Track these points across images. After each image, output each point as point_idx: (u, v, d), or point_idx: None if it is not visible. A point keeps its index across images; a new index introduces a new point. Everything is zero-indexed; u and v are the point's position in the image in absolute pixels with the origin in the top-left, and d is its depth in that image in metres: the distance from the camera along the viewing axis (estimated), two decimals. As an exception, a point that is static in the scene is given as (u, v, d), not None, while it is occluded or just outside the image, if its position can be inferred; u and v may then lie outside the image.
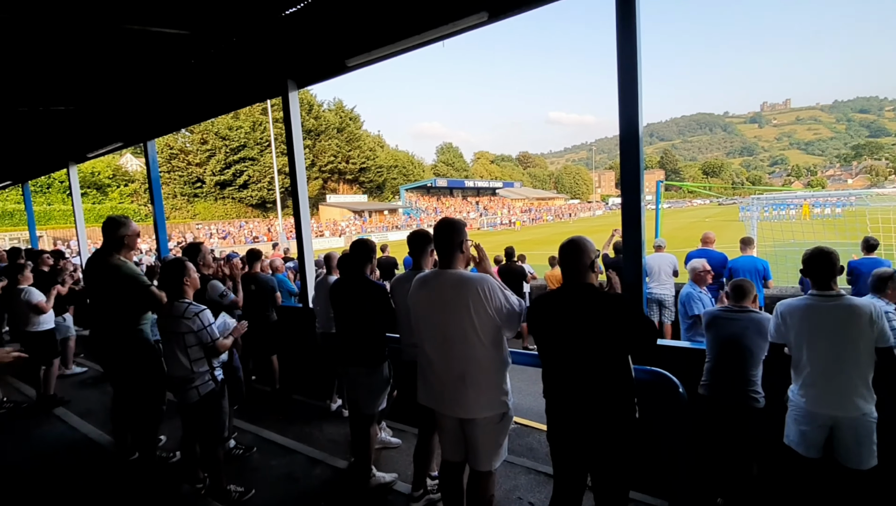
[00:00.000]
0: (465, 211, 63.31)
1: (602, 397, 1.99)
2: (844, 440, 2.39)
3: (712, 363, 2.98)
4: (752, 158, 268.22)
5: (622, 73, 3.01)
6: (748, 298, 2.96)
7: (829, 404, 2.38)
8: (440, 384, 2.28)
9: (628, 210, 3.15)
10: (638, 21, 2.96)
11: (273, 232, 39.04)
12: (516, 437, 4.20)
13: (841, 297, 2.42)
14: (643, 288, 3.23)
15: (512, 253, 7.75)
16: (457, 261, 2.27)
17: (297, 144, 4.94)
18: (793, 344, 2.51)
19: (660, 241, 6.99)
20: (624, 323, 1.95)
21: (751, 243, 5.96)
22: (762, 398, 2.83)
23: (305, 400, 5.05)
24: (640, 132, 3.10)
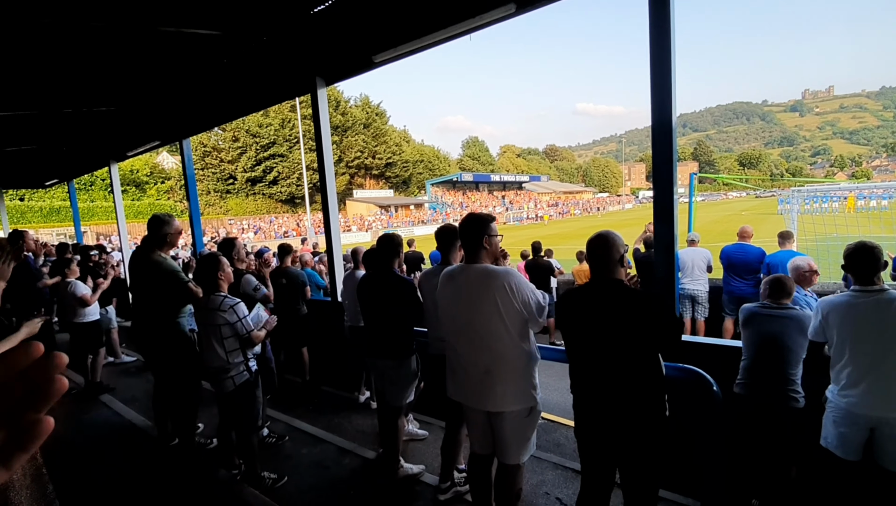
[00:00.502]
0: (491, 205, 63.02)
1: (630, 394, 1.97)
2: (887, 443, 2.29)
3: (749, 361, 2.89)
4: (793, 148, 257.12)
5: (655, 63, 2.93)
6: (788, 295, 2.85)
7: (871, 404, 2.29)
8: (468, 378, 2.29)
9: (660, 204, 3.07)
10: (672, 7, 2.87)
11: (302, 227, 39.82)
12: (543, 432, 4.18)
13: (884, 291, 2.32)
14: (675, 284, 3.15)
15: (539, 248, 7.69)
16: (482, 255, 2.27)
17: (326, 141, 5.01)
18: (834, 342, 2.42)
19: (693, 235, 6.80)
20: (651, 320, 1.91)
21: (790, 238, 5.73)
22: (802, 398, 2.73)
23: (334, 391, 5.16)
24: (674, 123, 3.01)
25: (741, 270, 5.85)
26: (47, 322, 5.20)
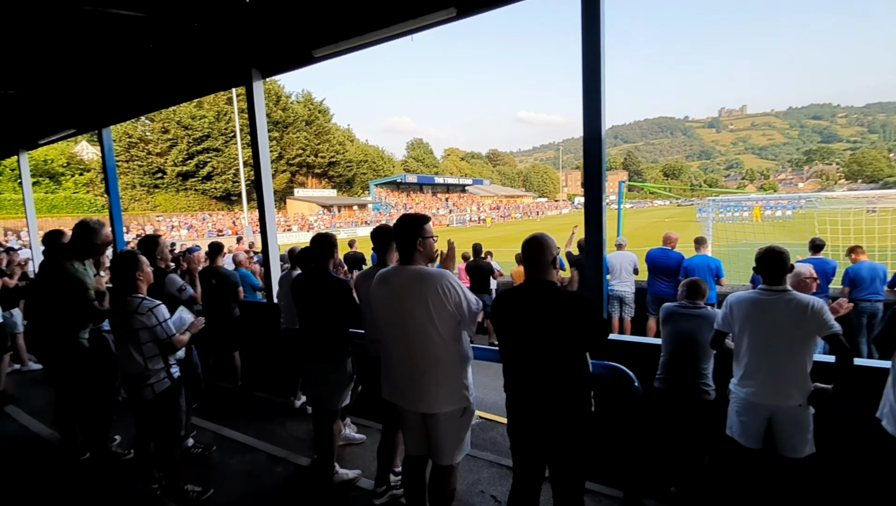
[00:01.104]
0: (435, 207, 63.29)
1: (560, 392, 2.03)
2: (782, 430, 2.51)
3: (667, 357, 3.08)
4: (710, 161, 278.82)
5: (586, 76, 3.06)
6: (702, 296, 3.08)
7: (767, 394, 2.50)
8: (402, 380, 2.27)
9: (591, 209, 3.21)
10: (602, 25, 3.01)
11: (238, 225, 37.99)
12: (480, 431, 4.23)
13: (787, 291, 2.54)
14: (604, 285, 3.30)
15: (479, 250, 7.80)
16: (417, 257, 2.26)
17: (262, 136, 4.80)
18: (736, 335, 2.63)
19: (621, 239, 7.18)
20: (581, 320, 1.98)
21: (704, 243, 6.20)
22: (713, 391, 2.94)
23: (268, 397, 4.94)
24: (604, 134, 3.16)
25: (663, 273, 6.25)
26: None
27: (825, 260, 5.67)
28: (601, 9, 2.96)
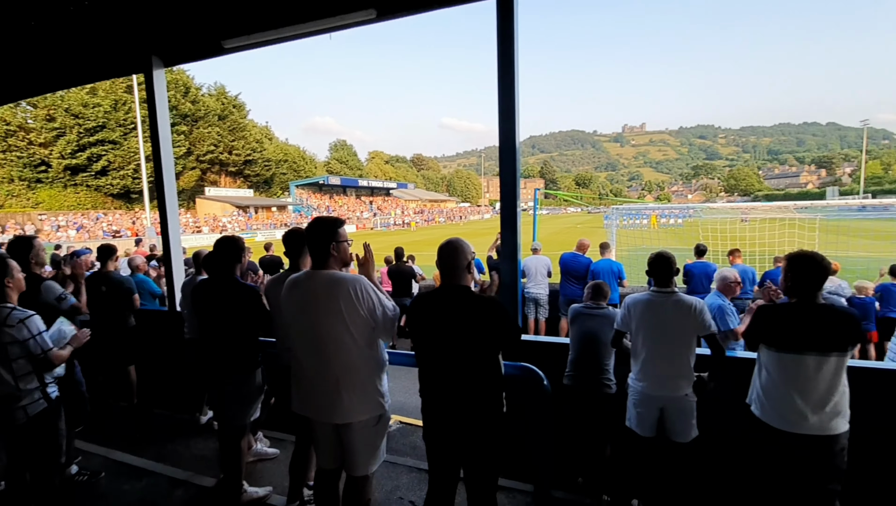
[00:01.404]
0: (359, 210, 62.20)
1: (473, 394, 2.06)
2: (672, 418, 2.75)
3: (575, 355, 3.26)
4: (615, 172, 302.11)
5: (502, 87, 3.16)
6: (604, 297, 3.29)
7: (660, 386, 2.73)
8: (313, 390, 2.18)
9: (506, 215, 3.31)
10: (516, 38, 3.13)
11: (139, 226, 34.60)
12: (400, 436, 4.19)
13: (674, 293, 2.80)
14: (518, 287, 3.42)
15: (401, 253, 7.76)
16: (330, 261, 2.18)
17: (164, 129, 4.42)
18: (633, 333, 2.85)
19: (536, 244, 7.52)
20: (493, 324, 2.03)
21: (608, 248, 6.68)
22: (614, 385, 3.16)
23: (170, 414, 4.52)
24: (518, 144, 3.28)
25: (574, 276, 6.63)
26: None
27: (708, 263, 6.35)
28: (515, 23, 3.08)
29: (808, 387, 2.26)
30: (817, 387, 2.25)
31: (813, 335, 2.25)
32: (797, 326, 2.29)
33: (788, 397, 2.30)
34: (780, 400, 2.33)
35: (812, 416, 2.26)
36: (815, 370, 2.24)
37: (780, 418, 2.33)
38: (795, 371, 2.28)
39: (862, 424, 2.46)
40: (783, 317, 2.35)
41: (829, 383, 2.25)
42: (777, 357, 2.34)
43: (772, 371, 2.37)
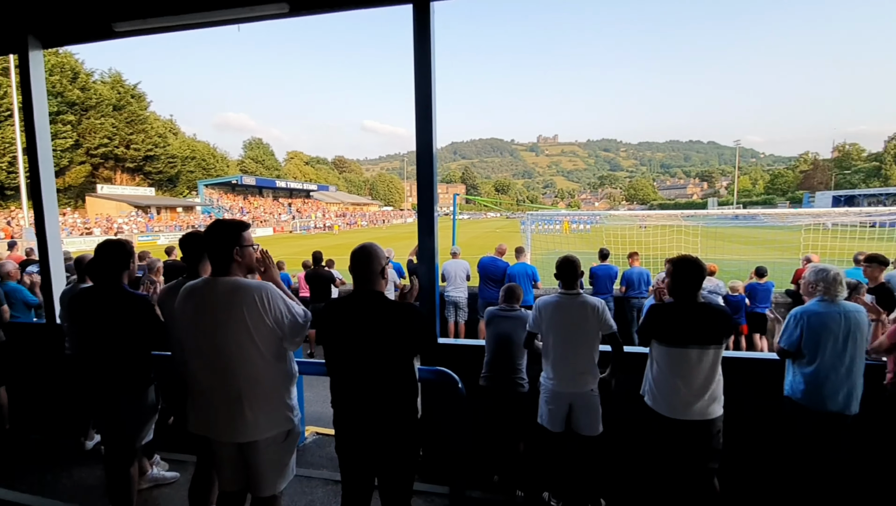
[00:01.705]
0: (277, 213, 59.24)
1: (387, 402, 2.00)
2: (579, 413, 2.90)
3: (490, 356, 3.32)
4: (531, 180, 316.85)
5: (419, 93, 3.15)
6: (517, 300, 3.39)
7: (568, 383, 2.86)
8: (212, 408, 1.99)
9: (423, 220, 3.31)
10: (433, 45, 3.13)
11: (15, 227, 30.11)
12: (317, 448, 4.02)
13: (580, 295, 2.95)
14: (436, 291, 3.42)
15: (319, 257, 7.47)
16: (233, 267, 2.01)
17: (41, 117, 3.88)
18: (544, 334, 2.96)
19: (456, 248, 7.62)
20: (407, 329, 1.99)
21: (523, 252, 6.95)
22: (526, 384, 3.26)
23: (50, 440, 3.94)
24: (435, 151, 3.29)
25: (492, 279, 6.80)
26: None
27: (610, 266, 6.83)
28: (431, 28, 3.08)
29: (691, 377, 2.50)
30: (699, 376, 2.50)
31: (694, 331, 2.50)
32: (680, 323, 2.53)
33: (675, 386, 2.52)
34: (668, 390, 2.55)
35: (695, 403, 2.50)
36: (697, 361, 2.49)
37: (669, 406, 2.55)
38: (680, 363, 2.51)
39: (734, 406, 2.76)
40: (669, 315, 2.58)
41: (708, 372, 2.51)
42: (665, 351, 2.56)
43: (661, 364, 2.59)
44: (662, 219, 19.52)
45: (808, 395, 2.73)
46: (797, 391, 2.78)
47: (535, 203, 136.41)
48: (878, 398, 2.81)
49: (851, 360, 2.66)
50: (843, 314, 2.68)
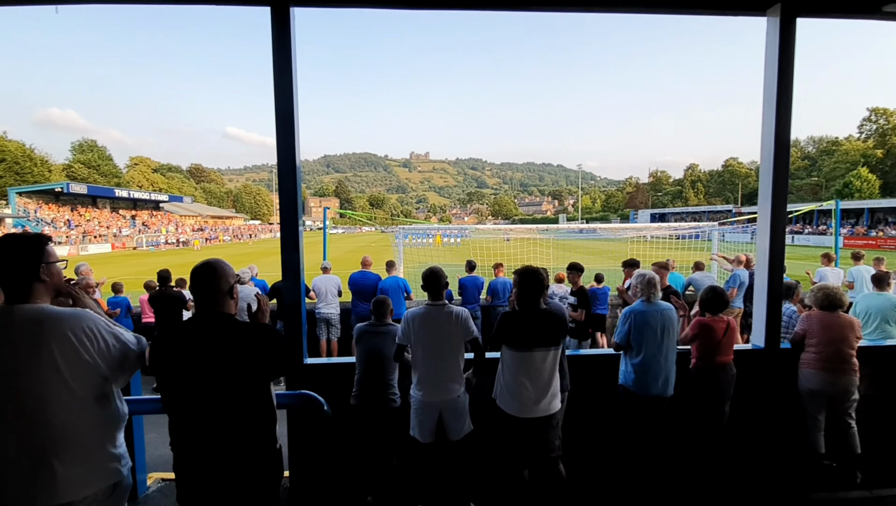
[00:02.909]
0: (117, 226, 50.83)
1: (239, 437, 1.78)
2: (449, 419, 2.94)
3: (361, 374, 3.20)
4: (405, 195, 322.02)
5: (279, 101, 2.97)
6: (385, 315, 3.33)
7: (437, 392, 2.90)
8: (7, 471, 1.56)
9: (287, 234, 3.10)
10: (293, 53, 2.97)
11: None
12: (163, 497, 3.47)
13: (445, 305, 3.01)
14: (302, 309, 3.20)
15: (167, 276, 6.54)
16: (38, 291, 1.62)
17: None
18: (413, 346, 2.96)
19: (326, 263, 7.30)
20: (262, 353, 1.80)
21: (394, 266, 6.95)
22: (398, 398, 3.21)
23: None
24: (298, 162, 3.11)
25: (364, 294, 6.65)
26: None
27: (477, 277, 7.17)
28: (292, 32, 2.93)
29: (537, 377, 2.72)
30: (543, 376, 2.73)
31: (537, 335, 2.74)
32: (526, 328, 2.74)
33: (523, 387, 2.71)
34: (517, 391, 2.73)
35: (540, 400, 2.72)
36: (541, 362, 2.72)
37: (519, 405, 2.73)
38: (527, 365, 2.72)
39: (580, 398, 3.05)
40: (516, 321, 2.78)
41: (550, 371, 2.76)
42: (514, 354, 2.75)
43: (511, 367, 2.77)
44: (523, 232, 21.33)
45: (637, 382, 3.15)
46: (629, 380, 3.19)
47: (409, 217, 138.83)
48: (685, 380, 3.35)
49: (667, 350, 3.14)
50: (660, 312, 3.16)
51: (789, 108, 3.23)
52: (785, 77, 3.19)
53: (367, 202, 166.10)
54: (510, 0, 3.10)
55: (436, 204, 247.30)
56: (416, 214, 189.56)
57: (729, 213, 52.07)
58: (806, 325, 3.46)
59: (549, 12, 3.30)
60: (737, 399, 3.35)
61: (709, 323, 3.28)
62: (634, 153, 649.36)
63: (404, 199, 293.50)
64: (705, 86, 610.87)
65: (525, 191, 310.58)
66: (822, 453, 3.37)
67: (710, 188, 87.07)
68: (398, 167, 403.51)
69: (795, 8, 3.13)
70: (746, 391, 3.39)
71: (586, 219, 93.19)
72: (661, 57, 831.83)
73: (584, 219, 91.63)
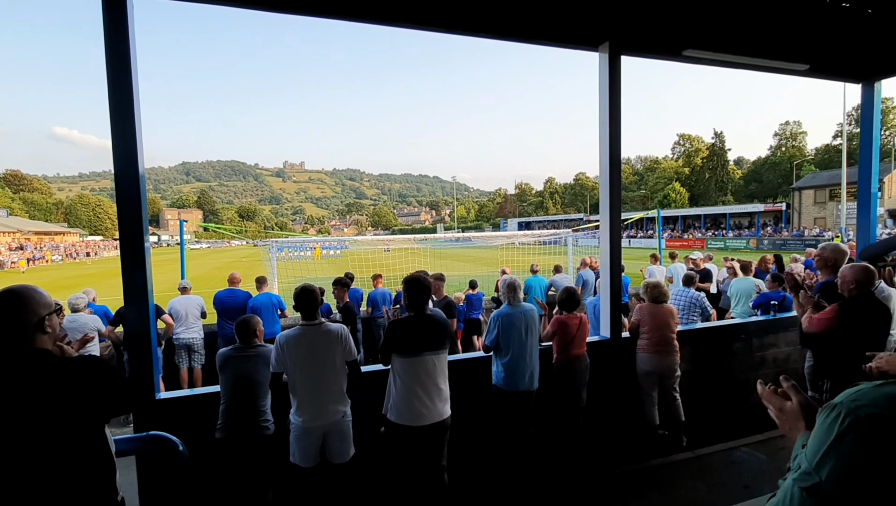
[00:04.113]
0: None
1: (68, 492, 1.46)
2: (333, 442, 2.79)
3: (227, 403, 2.89)
4: (280, 206, 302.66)
5: (115, 99, 2.59)
6: (256, 335, 3.05)
7: (319, 415, 2.73)
8: None
9: (129, 251, 2.72)
10: (132, 45, 2.61)
11: None
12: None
13: (321, 324, 2.85)
14: (152, 337, 2.79)
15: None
16: None
17: None
18: (289, 369, 2.74)
19: (185, 282, 6.49)
20: (88, 393, 1.50)
21: (265, 282, 6.45)
22: (272, 425, 2.95)
23: None
24: (142, 169, 2.74)
25: (232, 314, 6.03)
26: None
27: (357, 289, 7.02)
28: (130, 24, 2.56)
29: (429, 383, 2.73)
30: (435, 381, 2.75)
31: (426, 339, 2.75)
32: (415, 334, 2.74)
33: (416, 394, 2.70)
34: (410, 400, 2.71)
35: (433, 406, 2.73)
36: (432, 366, 2.75)
37: (411, 415, 2.70)
38: (419, 370, 2.72)
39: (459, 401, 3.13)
40: (405, 328, 2.76)
41: (441, 373, 2.79)
42: (405, 362, 2.72)
43: (402, 376, 2.73)
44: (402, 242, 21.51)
45: (507, 380, 3.34)
46: (500, 379, 3.38)
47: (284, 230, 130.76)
48: (548, 373, 3.66)
49: (531, 348, 3.40)
50: (524, 313, 3.41)
51: (619, 130, 3.76)
52: (614, 104, 3.71)
53: (236, 214, 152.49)
54: (360, 11, 3.06)
55: (313, 215, 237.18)
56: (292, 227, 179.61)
57: (580, 220, 59.03)
58: (639, 315, 4.04)
59: (416, 30, 3.38)
60: (591, 385, 3.76)
61: (565, 320, 3.64)
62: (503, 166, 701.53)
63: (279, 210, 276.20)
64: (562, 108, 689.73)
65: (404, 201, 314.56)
66: (657, 425, 3.95)
67: (566, 199, 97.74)
68: (271, 177, 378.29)
69: (619, 47, 3.66)
70: (597, 377, 3.83)
71: (462, 228, 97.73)
72: (527, 80, 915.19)
73: (460, 228, 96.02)
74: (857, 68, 4.57)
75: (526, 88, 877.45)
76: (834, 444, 0.62)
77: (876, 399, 0.62)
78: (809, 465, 0.66)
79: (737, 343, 4.56)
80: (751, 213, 48.96)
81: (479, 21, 3.28)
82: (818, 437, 0.66)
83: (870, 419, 0.60)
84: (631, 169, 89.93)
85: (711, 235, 47.40)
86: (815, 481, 0.64)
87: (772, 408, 1.01)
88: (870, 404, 0.62)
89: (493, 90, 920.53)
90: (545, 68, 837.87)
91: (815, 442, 0.67)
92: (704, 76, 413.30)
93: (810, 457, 0.66)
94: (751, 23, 3.56)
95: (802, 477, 0.66)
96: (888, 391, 0.63)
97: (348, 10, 3.03)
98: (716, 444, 3.94)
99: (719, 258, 9.44)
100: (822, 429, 0.66)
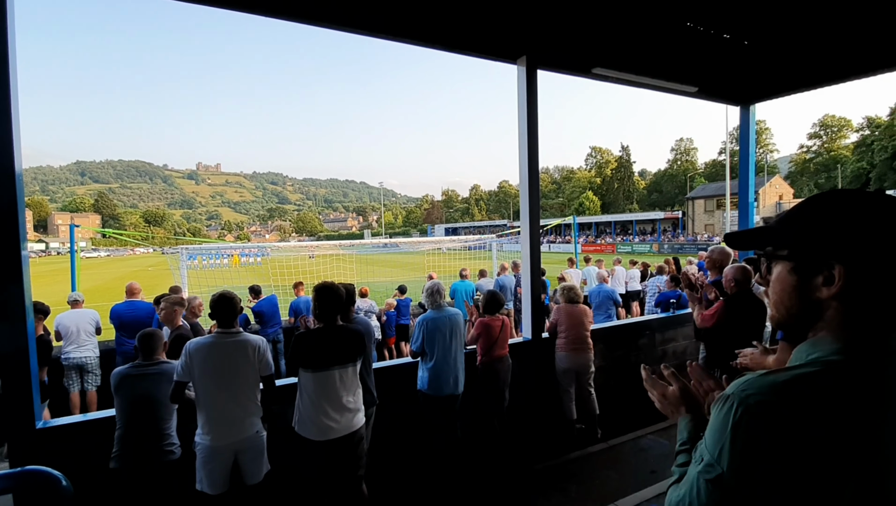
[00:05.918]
0: None
1: None
2: (246, 462, 2.60)
3: (124, 428, 2.59)
4: (192, 211, 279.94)
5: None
6: (156, 350, 2.76)
7: (229, 433, 2.53)
8: None
9: (2, 262, 2.34)
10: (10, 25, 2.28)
11: None
12: None
13: (239, 333, 2.67)
14: (31, 358, 2.44)
15: None
16: None
17: None
18: (197, 381, 2.53)
19: (76, 295, 5.76)
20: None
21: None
22: (178, 449, 2.69)
23: None
24: (19, 168, 2.40)
25: (132, 329, 5.44)
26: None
27: (273, 296, 6.70)
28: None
29: (336, 397, 2.63)
30: (342, 394, 2.65)
31: (335, 352, 2.65)
32: (324, 347, 2.64)
33: (323, 409, 2.60)
34: (316, 416, 2.60)
35: (342, 419, 2.63)
36: (340, 380, 2.65)
37: (318, 429, 2.60)
38: (326, 385, 2.61)
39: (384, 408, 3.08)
40: (313, 341, 2.66)
41: (349, 388, 2.69)
42: (311, 376, 2.61)
43: (309, 390, 2.62)
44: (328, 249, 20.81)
45: (432, 385, 3.35)
46: (425, 384, 3.37)
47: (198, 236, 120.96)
48: (473, 375, 3.73)
49: (456, 351, 3.43)
50: (448, 317, 3.44)
51: (536, 141, 3.94)
52: (532, 115, 3.89)
53: (140, 219, 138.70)
54: (278, 8, 2.95)
55: (231, 221, 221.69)
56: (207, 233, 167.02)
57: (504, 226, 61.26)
58: (556, 316, 4.25)
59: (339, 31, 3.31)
60: (513, 385, 3.88)
61: (488, 322, 3.73)
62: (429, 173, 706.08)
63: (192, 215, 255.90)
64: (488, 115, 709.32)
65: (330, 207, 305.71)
66: (574, 419, 4.17)
67: (491, 205, 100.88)
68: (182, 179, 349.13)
69: (536, 61, 3.85)
70: (519, 377, 3.96)
71: (389, 234, 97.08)
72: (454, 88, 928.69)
73: (387, 234, 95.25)
74: (736, 92, 5.21)
75: (453, 96, 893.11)
76: (731, 433, 0.64)
77: (762, 387, 0.66)
78: (711, 456, 0.67)
79: (642, 339, 4.97)
80: (653, 220, 54.03)
81: (403, 26, 3.29)
82: (715, 428, 0.68)
83: (759, 406, 0.64)
84: (550, 178, 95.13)
85: (620, 239, 51.54)
86: (718, 471, 0.65)
87: (655, 393, 1.09)
88: (756, 392, 0.65)
89: (422, 97, 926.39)
90: (471, 76, 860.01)
91: (712, 433, 0.68)
92: (616, 93, 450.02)
93: (711, 448, 0.68)
94: (650, 47, 3.92)
95: (706, 469, 0.68)
96: (772, 379, 0.67)
97: (266, 5, 2.89)
98: (626, 433, 4.24)
99: (626, 262, 10.27)
100: (717, 420, 0.68)
